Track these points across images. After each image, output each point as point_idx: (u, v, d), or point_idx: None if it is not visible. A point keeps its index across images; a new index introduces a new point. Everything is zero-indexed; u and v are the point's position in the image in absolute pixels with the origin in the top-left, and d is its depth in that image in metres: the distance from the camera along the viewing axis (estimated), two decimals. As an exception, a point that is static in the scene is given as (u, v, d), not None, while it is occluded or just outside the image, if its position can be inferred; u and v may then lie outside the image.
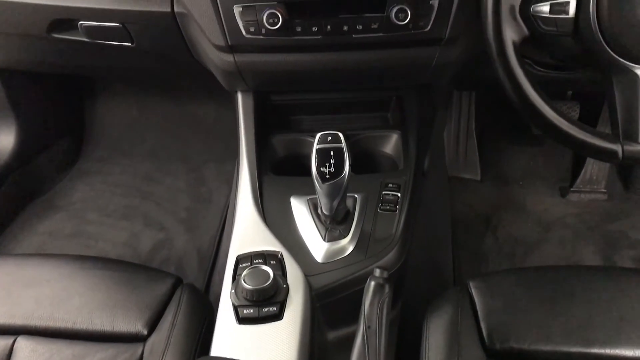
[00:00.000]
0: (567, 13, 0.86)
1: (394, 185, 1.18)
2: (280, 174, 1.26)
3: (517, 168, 2.01)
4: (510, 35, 0.87)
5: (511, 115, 0.90)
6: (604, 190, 1.91)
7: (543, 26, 0.87)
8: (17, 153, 1.82)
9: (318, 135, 1.00)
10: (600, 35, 0.84)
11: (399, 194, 1.16)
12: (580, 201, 1.90)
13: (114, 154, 2.10)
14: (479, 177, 1.97)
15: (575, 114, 1.85)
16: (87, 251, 1.74)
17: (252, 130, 1.27)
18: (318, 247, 1.06)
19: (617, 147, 0.88)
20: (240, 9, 1.04)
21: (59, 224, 1.84)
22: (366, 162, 1.32)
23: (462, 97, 1.97)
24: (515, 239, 1.78)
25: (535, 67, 1.19)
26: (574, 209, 1.88)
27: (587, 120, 1.79)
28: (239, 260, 1.02)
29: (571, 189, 1.91)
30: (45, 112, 1.96)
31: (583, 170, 1.89)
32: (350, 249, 1.06)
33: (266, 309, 0.93)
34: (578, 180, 1.91)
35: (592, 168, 1.89)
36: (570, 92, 1.89)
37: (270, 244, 1.06)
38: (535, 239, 1.78)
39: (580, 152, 0.98)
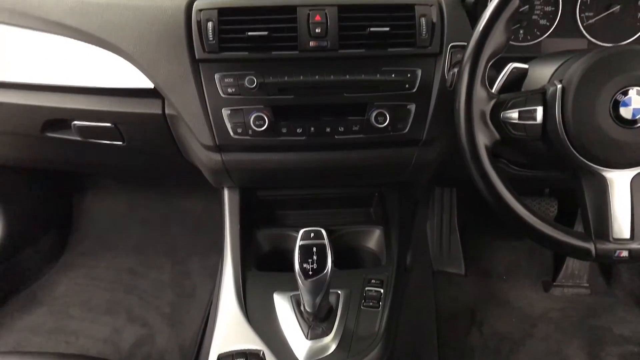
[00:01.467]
0: (535, 119, 0.90)
1: (376, 281, 1.19)
2: (264, 269, 1.26)
3: (501, 262, 2.02)
4: (483, 139, 0.90)
5: (492, 211, 0.92)
6: (586, 284, 1.93)
7: (513, 131, 0.91)
8: (2, 247, 1.82)
9: (301, 231, 1.01)
10: (567, 141, 0.88)
11: (382, 290, 1.17)
12: (563, 296, 1.91)
13: (99, 247, 2.10)
14: (463, 272, 1.98)
15: (554, 210, 1.89)
16: (67, 348, 1.70)
17: (237, 227, 1.29)
18: (300, 345, 1.06)
19: (590, 246, 0.90)
20: (229, 111, 1.09)
21: (40, 319, 1.81)
22: (349, 257, 1.34)
23: (444, 192, 2.01)
24: (501, 334, 1.77)
25: (511, 166, 1.24)
26: (558, 303, 1.88)
27: (565, 217, 1.83)
28: (220, 359, 1.01)
29: (554, 284, 1.93)
30: (33, 206, 1.97)
31: (564, 265, 1.91)
32: (333, 347, 1.06)
33: (246, 410, 0.92)
34: (560, 275, 1.92)
35: (574, 263, 1.91)
36: (547, 189, 1.94)
37: (252, 342, 1.06)
38: (521, 335, 1.77)
39: (555, 250, 1.00)
